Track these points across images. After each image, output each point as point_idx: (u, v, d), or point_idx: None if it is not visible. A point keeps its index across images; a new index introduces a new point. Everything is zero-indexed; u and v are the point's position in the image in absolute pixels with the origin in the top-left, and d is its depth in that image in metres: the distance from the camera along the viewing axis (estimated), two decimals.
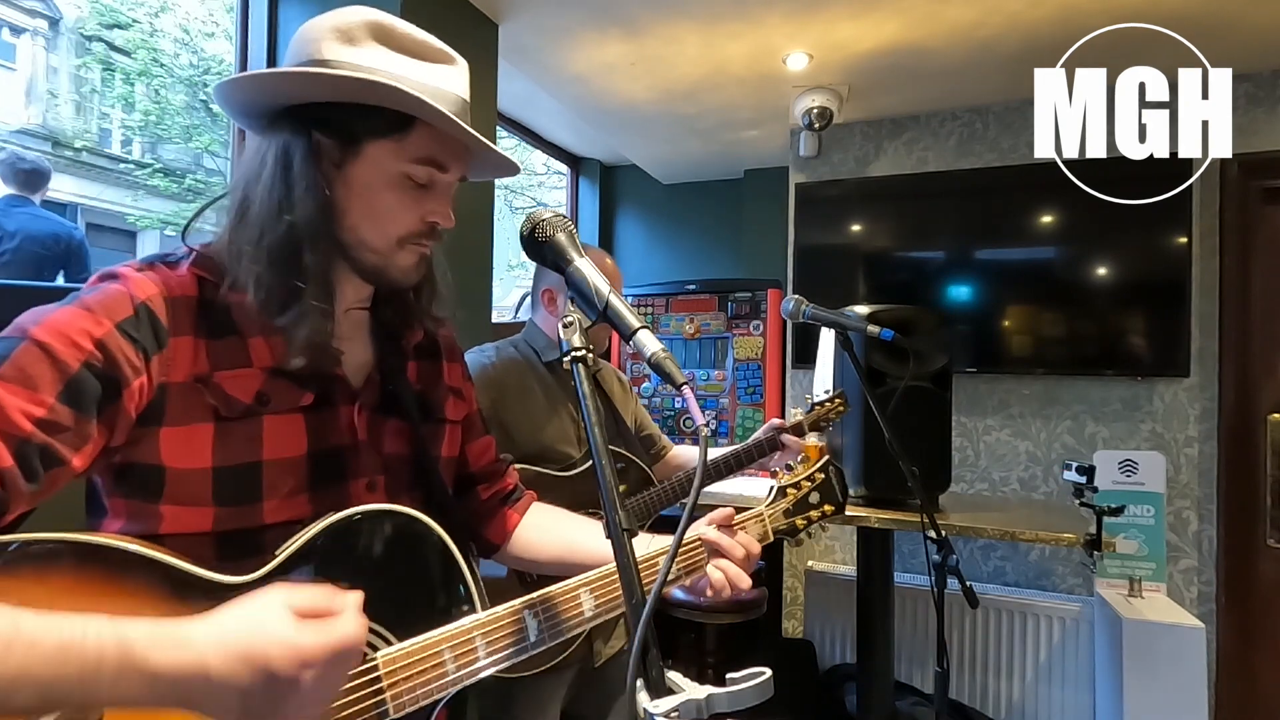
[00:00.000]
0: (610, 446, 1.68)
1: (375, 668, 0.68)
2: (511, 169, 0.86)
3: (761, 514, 1.02)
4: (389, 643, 0.71)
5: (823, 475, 1.08)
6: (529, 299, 1.81)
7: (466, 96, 0.79)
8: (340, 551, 0.71)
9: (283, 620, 0.57)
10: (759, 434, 1.86)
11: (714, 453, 1.81)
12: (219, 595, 0.63)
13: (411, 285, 0.82)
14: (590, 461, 1.63)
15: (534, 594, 0.77)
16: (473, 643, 0.73)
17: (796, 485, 1.07)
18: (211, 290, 0.72)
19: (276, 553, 0.69)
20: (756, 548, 0.95)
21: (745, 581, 0.92)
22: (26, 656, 0.50)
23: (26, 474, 0.59)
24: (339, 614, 0.60)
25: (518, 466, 1.50)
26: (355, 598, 0.62)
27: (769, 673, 0.55)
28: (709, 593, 0.92)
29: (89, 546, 0.61)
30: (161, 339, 0.68)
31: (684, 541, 0.89)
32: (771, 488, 1.07)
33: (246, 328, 0.73)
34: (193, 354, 0.70)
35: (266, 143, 0.76)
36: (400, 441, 0.84)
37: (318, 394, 0.77)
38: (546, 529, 1.01)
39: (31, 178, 2.96)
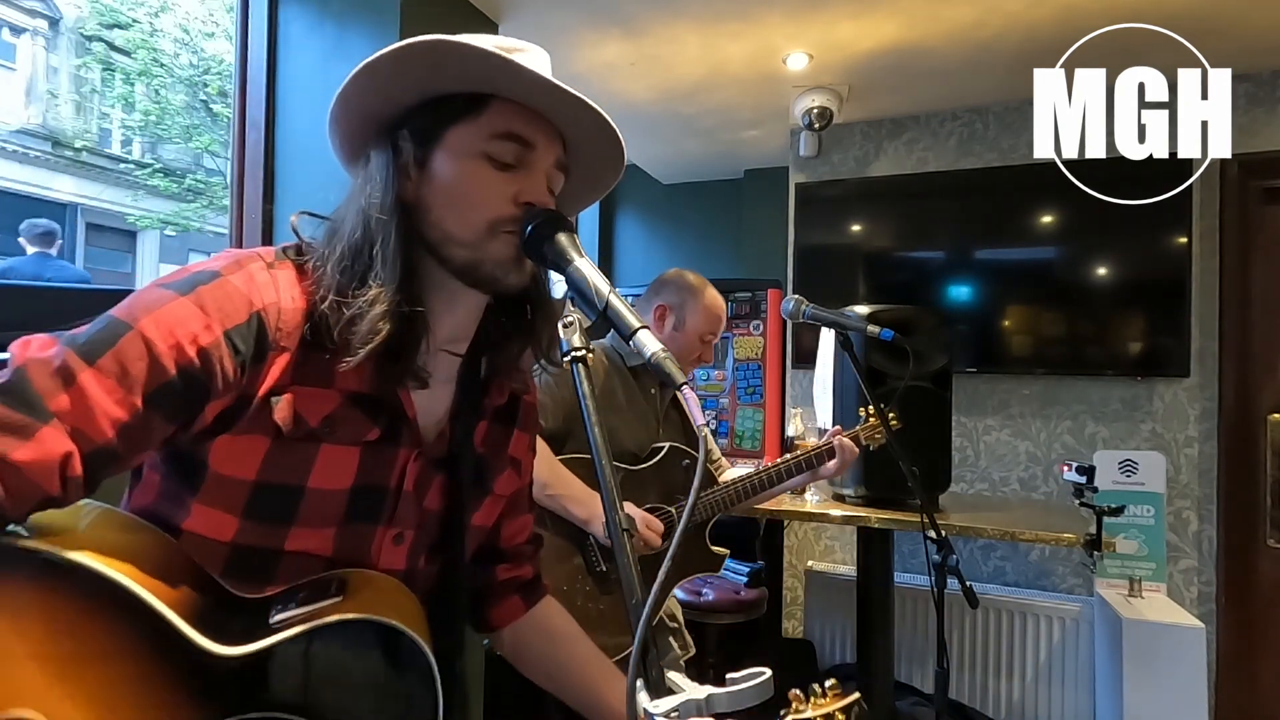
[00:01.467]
0: (675, 444, 1.70)
1: None
2: (617, 145, 0.78)
3: None
4: None
5: (844, 718, 0.90)
6: None
7: (550, 77, 0.73)
8: (328, 652, 0.66)
9: None
10: (810, 444, 1.83)
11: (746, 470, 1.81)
12: (198, 662, 0.60)
13: (516, 287, 0.74)
14: (657, 456, 1.69)
15: None
16: None
17: None
18: (318, 299, 0.69)
19: (272, 622, 0.64)
20: None
21: None
22: None
23: (89, 483, 0.59)
24: None
25: (586, 456, 1.54)
26: None
27: (769, 673, 0.55)
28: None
29: (91, 573, 0.58)
30: (264, 352, 0.66)
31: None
32: (781, 715, 0.89)
33: (339, 345, 0.68)
34: (282, 369, 0.67)
35: (357, 168, 0.75)
36: (441, 499, 0.80)
37: (384, 431, 0.73)
38: (544, 637, 0.94)
39: (47, 237, 3.79)
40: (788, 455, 1.77)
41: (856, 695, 0.91)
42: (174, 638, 0.60)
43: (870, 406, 1.74)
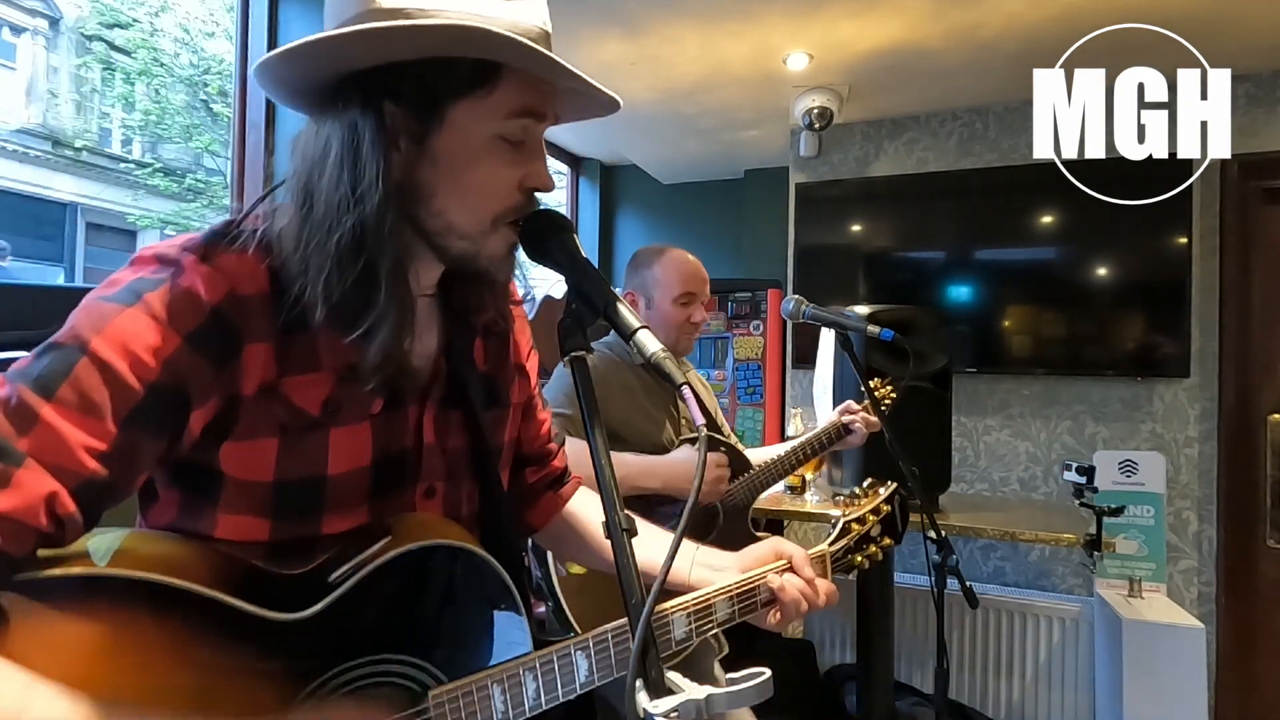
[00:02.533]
0: (710, 433, 1.64)
1: (425, 707, 0.65)
2: (612, 105, 0.72)
3: (824, 553, 0.94)
4: (440, 681, 0.68)
5: (888, 507, 1.02)
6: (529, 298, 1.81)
7: (548, 26, 0.67)
8: (394, 587, 0.66)
9: None
10: (831, 419, 1.80)
11: (782, 448, 1.79)
12: (269, 633, 0.60)
13: (506, 279, 0.73)
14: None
15: (587, 633, 0.73)
16: (521, 681, 0.69)
17: (861, 519, 0.99)
18: (282, 278, 0.63)
19: (331, 579, 0.63)
20: (821, 598, 0.88)
21: (820, 603, 0.87)
22: None
23: (87, 517, 0.56)
24: None
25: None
26: None
27: (769, 673, 0.55)
28: (775, 620, 0.87)
29: (131, 583, 0.56)
30: (235, 348, 0.61)
31: (742, 583, 0.85)
32: (835, 520, 1.00)
33: (315, 320, 0.64)
34: (264, 360, 0.63)
35: (328, 123, 0.64)
36: (463, 435, 0.79)
37: (387, 397, 0.71)
38: (587, 519, 0.97)
39: None
40: (811, 432, 1.76)
41: (893, 485, 1.05)
42: (240, 621, 0.59)
43: (874, 381, 1.75)
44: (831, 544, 0.96)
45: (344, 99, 0.63)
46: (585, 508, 0.99)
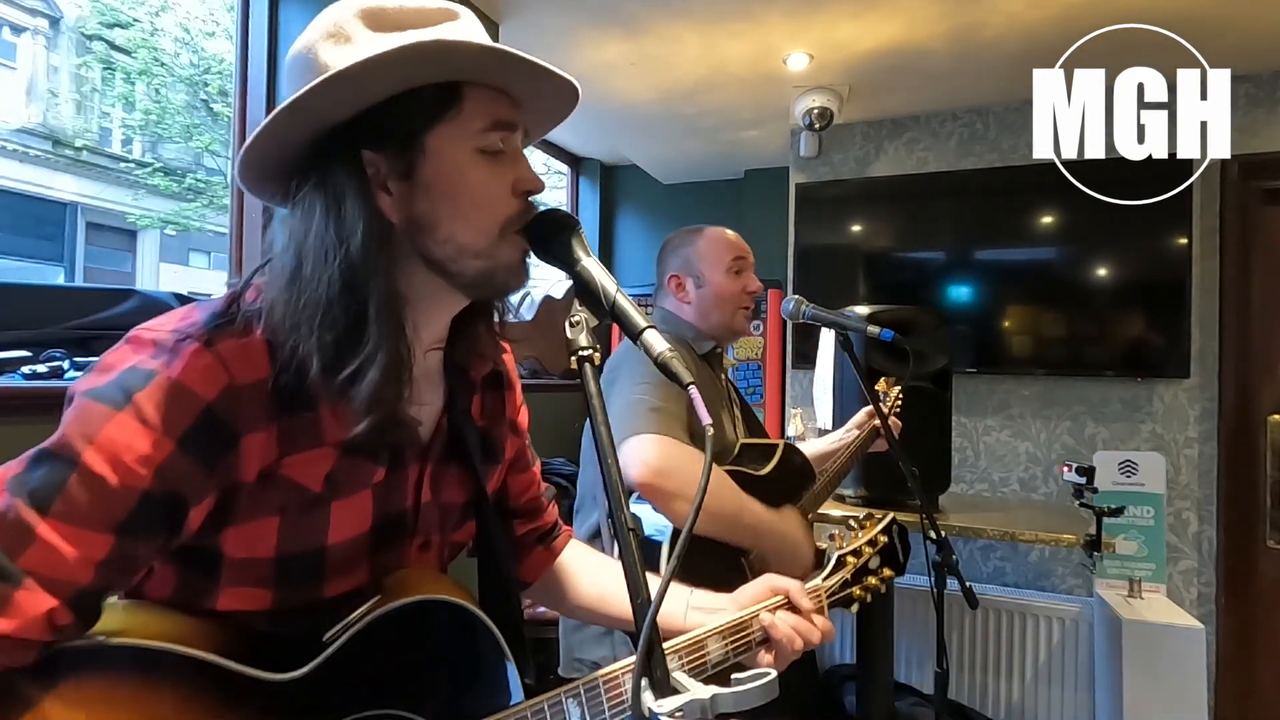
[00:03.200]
0: (788, 443, 1.55)
1: None
2: (572, 93, 0.73)
3: (818, 589, 0.91)
4: None
5: (885, 538, 0.99)
6: (528, 298, 1.79)
7: (487, 42, 0.67)
8: (384, 642, 0.67)
9: None
10: (855, 434, 1.72)
11: (811, 447, 1.73)
12: (265, 694, 0.61)
13: (520, 289, 0.73)
14: (773, 459, 1.52)
15: (578, 680, 0.72)
16: None
17: (857, 552, 0.96)
18: (284, 359, 0.62)
19: (325, 639, 0.64)
20: (815, 635, 0.86)
21: (813, 636, 0.85)
22: None
23: (84, 621, 0.56)
24: None
25: (727, 469, 1.42)
26: None
27: (773, 673, 0.55)
28: (768, 660, 0.85)
29: (130, 651, 0.58)
30: (231, 442, 0.60)
31: (734, 622, 0.84)
32: (828, 556, 0.97)
33: (320, 398, 0.64)
34: (264, 447, 0.62)
35: (309, 189, 0.65)
36: (459, 489, 0.80)
37: (389, 464, 0.71)
38: (579, 572, 0.96)
39: None
40: (851, 435, 1.71)
41: (890, 516, 1.01)
42: (234, 683, 0.60)
43: (883, 381, 1.73)
44: (825, 579, 0.93)
45: (322, 162, 0.64)
46: (577, 561, 0.98)
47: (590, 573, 0.97)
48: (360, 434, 0.64)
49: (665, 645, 0.78)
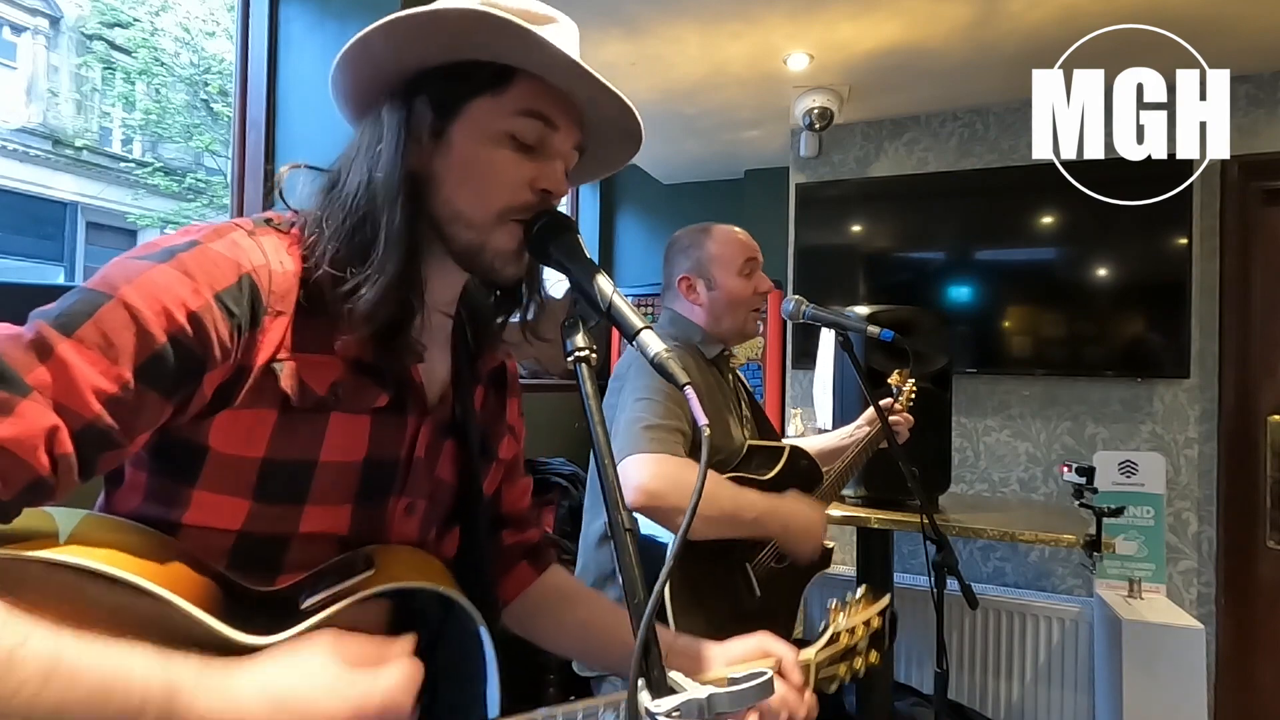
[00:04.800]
0: (793, 446, 1.55)
1: None
2: (635, 137, 0.78)
3: (810, 661, 0.87)
4: None
5: (879, 621, 0.95)
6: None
7: (578, 56, 0.71)
8: (372, 623, 0.64)
9: (331, 673, 0.55)
10: (865, 430, 1.70)
11: (818, 443, 1.72)
12: (234, 654, 0.56)
13: (511, 280, 0.74)
14: (779, 462, 1.52)
15: (578, 702, 0.69)
16: None
17: (852, 631, 0.92)
18: (312, 265, 0.66)
19: (304, 606, 0.61)
20: (802, 712, 0.80)
21: (800, 713, 0.80)
22: (65, 692, 0.46)
23: (83, 464, 0.53)
24: (389, 664, 0.58)
25: (731, 475, 1.41)
26: (405, 645, 0.60)
27: (771, 673, 0.56)
28: None
29: (95, 573, 0.53)
30: (258, 315, 0.62)
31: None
32: (824, 629, 0.92)
33: (336, 311, 0.65)
34: (281, 333, 0.64)
35: (367, 121, 0.71)
36: (452, 469, 0.79)
37: (392, 398, 0.71)
38: (561, 602, 0.92)
39: None
40: (860, 432, 1.69)
41: (887, 598, 0.99)
42: (205, 635, 0.55)
43: (897, 374, 1.72)
44: (818, 651, 0.88)
45: (383, 99, 0.70)
46: (563, 588, 0.94)
47: (576, 601, 0.93)
48: (369, 350, 0.67)
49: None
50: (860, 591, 0.98)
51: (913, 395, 1.73)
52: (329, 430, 0.66)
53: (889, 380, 1.74)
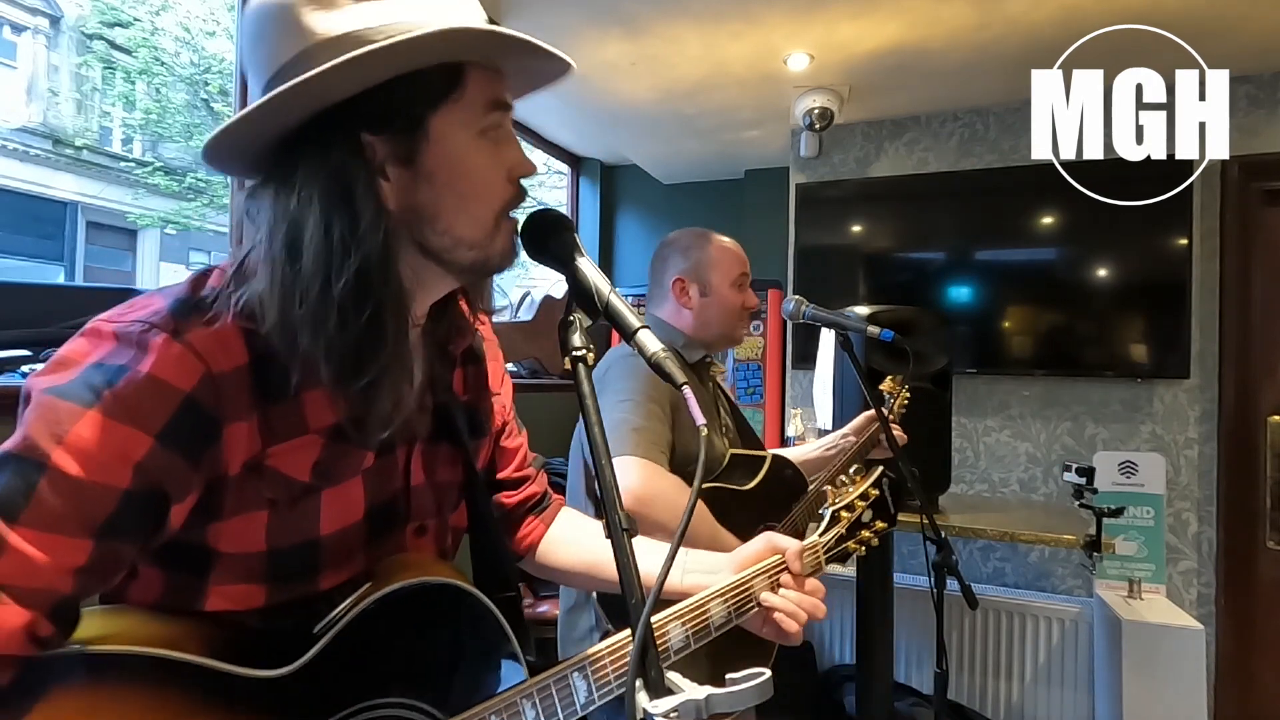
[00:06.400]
0: (776, 455, 1.52)
1: None
2: (563, 65, 0.70)
3: (816, 545, 0.93)
4: (436, 718, 0.67)
5: (877, 491, 1.01)
6: (528, 298, 1.78)
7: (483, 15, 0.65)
8: (382, 629, 0.65)
9: None
10: (852, 439, 1.68)
11: (803, 453, 1.70)
12: (256, 692, 0.58)
13: (510, 268, 0.72)
14: (761, 472, 1.48)
15: (580, 654, 0.71)
16: (519, 710, 0.66)
17: (850, 507, 0.98)
18: (261, 345, 0.59)
19: (315, 631, 0.62)
20: (815, 605, 0.86)
21: (818, 611, 0.85)
22: None
23: (64, 630, 0.53)
24: None
25: (708, 486, 1.38)
26: None
27: (768, 673, 0.55)
28: (767, 633, 0.84)
29: (110, 658, 0.54)
30: (213, 434, 0.57)
31: (737, 584, 0.83)
32: (823, 512, 0.99)
33: (300, 382, 0.61)
34: (247, 437, 0.59)
35: (298, 174, 0.59)
36: (451, 469, 0.78)
37: (378, 450, 0.69)
38: (572, 540, 0.94)
39: None
40: (844, 437, 1.68)
41: (880, 469, 1.02)
42: (222, 683, 0.57)
43: (889, 381, 1.71)
44: (822, 534, 0.95)
45: (317, 144, 0.60)
46: (570, 529, 0.96)
47: (585, 539, 0.94)
48: (350, 422, 0.63)
49: (669, 611, 0.78)
50: (854, 469, 1.04)
51: (905, 403, 1.72)
52: (323, 508, 0.65)
53: (880, 387, 1.72)
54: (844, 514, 0.98)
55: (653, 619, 0.74)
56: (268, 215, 0.60)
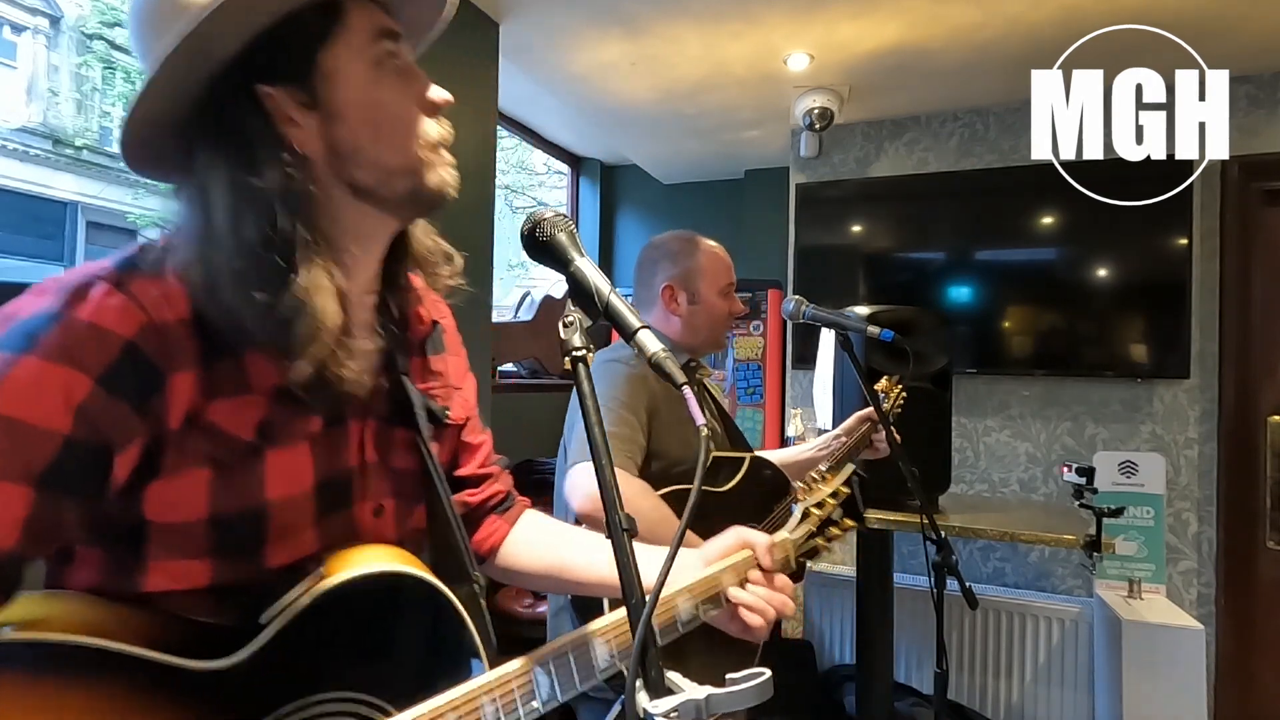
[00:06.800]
0: (756, 456, 1.52)
1: None
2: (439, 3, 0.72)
3: (787, 541, 0.93)
4: (388, 714, 0.64)
5: (848, 490, 1.01)
6: (528, 298, 1.78)
7: None
8: (335, 619, 0.62)
9: None
10: (843, 440, 1.68)
11: (793, 454, 1.71)
12: (199, 686, 0.55)
13: (451, 197, 0.70)
14: (739, 473, 1.48)
15: (545, 647, 0.69)
16: (478, 707, 0.63)
17: (821, 504, 0.99)
18: (201, 301, 0.59)
19: (261, 621, 0.59)
20: (784, 602, 0.85)
21: (787, 608, 0.84)
22: None
23: (10, 588, 0.52)
24: None
25: (680, 488, 1.36)
26: None
27: (768, 673, 0.55)
28: (735, 629, 0.83)
29: (41, 647, 0.51)
30: (156, 382, 0.56)
31: (706, 580, 0.82)
32: (794, 509, 0.99)
33: (242, 341, 0.60)
34: (189, 389, 0.58)
35: (201, 145, 0.61)
36: (409, 455, 0.76)
37: (326, 416, 0.67)
38: (536, 542, 0.91)
39: None
40: (836, 438, 1.67)
41: (851, 467, 1.03)
42: (163, 677, 0.54)
43: (885, 381, 1.71)
44: (793, 531, 0.95)
45: (213, 113, 0.61)
46: (534, 530, 0.93)
47: (550, 540, 0.92)
48: (294, 382, 0.61)
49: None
50: (824, 466, 1.05)
51: (899, 405, 1.72)
52: (268, 470, 0.63)
53: (875, 387, 1.72)
54: (814, 511, 0.98)
55: (614, 615, 0.73)
56: (188, 183, 0.62)
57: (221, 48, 0.59)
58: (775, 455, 1.68)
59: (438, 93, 0.69)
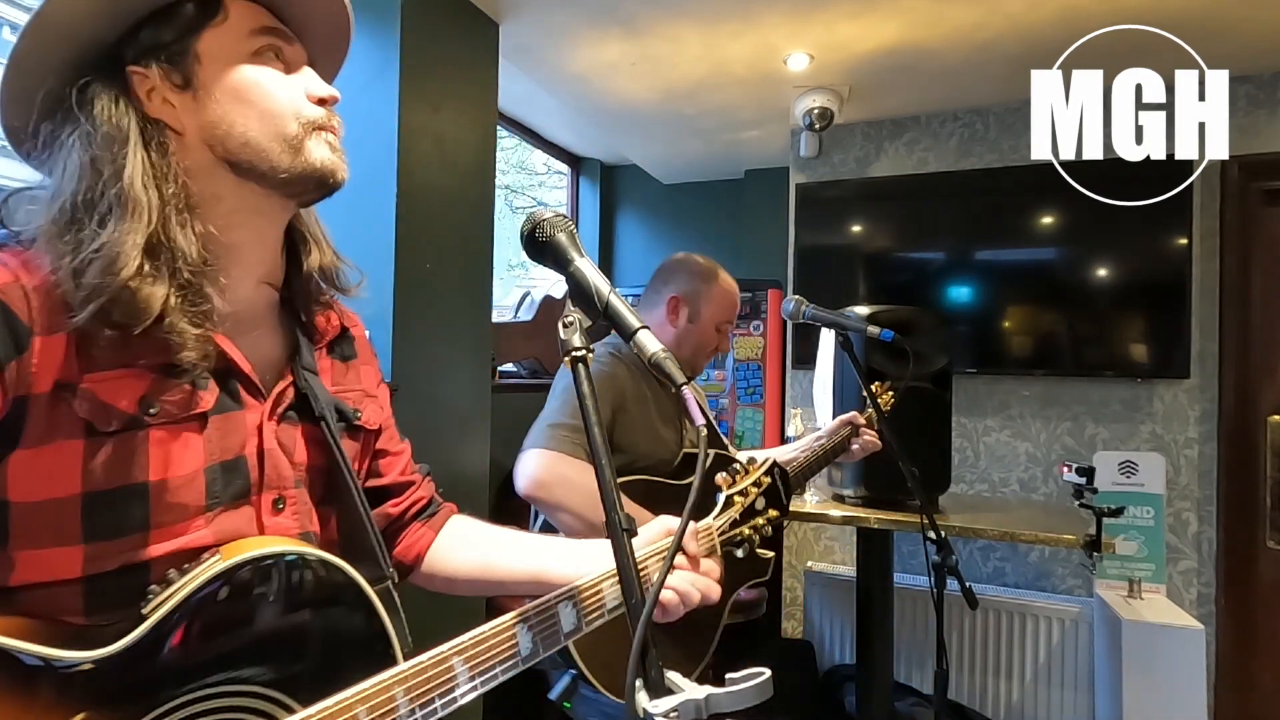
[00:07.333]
0: (719, 452, 1.57)
1: None
2: (342, 18, 0.74)
3: (710, 528, 0.95)
4: (291, 711, 0.60)
5: (769, 479, 1.04)
6: (528, 298, 1.79)
7: None
8: (224, 606, 0.57)
9: None
10: (832, 428, 1.75)
11: (784, 453, 1.73)
12: (75, 680, 0.51)
13: (340, 181, 0.71)
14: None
15: (463, 636, 0.66)
16: (393, 698, 0.59)
17: (744, 492, 1.01)
18: (67, 275, 0.58)
19: (144, 610, 0.55)
20: (708, 585, 0.84)
21: (713, 592, 0.84)
22: None
23: None
24: None
25: (638, 478, 1.43)
26: None
27: (768, 673, 0.56)
28: (658, 614, 0.82)
29: None
30: (21, 341, 0.54)
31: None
32: (717, 497, 1.02)
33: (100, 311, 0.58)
34: (61, 353, 0.56)
35: (66, 126, 0.62)
36: (317, 451, 0.74)
37: (219, 396, 0.65)
38: (461, 545, 0.90)
39: None
40: (817, 440, 1.71)
41: (769, 459, 1.06)
42: (33, 670, 0.50)
43: (877, 386, 1.75)
44: (716, 517, 0.97)
45: (78, 94, 0.62)
46: (459, 533, 0.92)
47: (473, 541, 0.91)
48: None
49: (561, 591, 0.76)
50: (746, 458, 1.08)
51: (890, 406, 1.75)
52: (151, 448, 0.60)
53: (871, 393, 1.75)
54: (737, 499, 1.01)
55: (541, 600, 0.73)
56: (48, 158, 0.63)
57: (88, 32, 0.62)
58: (756, 455, 1.69)
59: (324, 89, 0.70)
